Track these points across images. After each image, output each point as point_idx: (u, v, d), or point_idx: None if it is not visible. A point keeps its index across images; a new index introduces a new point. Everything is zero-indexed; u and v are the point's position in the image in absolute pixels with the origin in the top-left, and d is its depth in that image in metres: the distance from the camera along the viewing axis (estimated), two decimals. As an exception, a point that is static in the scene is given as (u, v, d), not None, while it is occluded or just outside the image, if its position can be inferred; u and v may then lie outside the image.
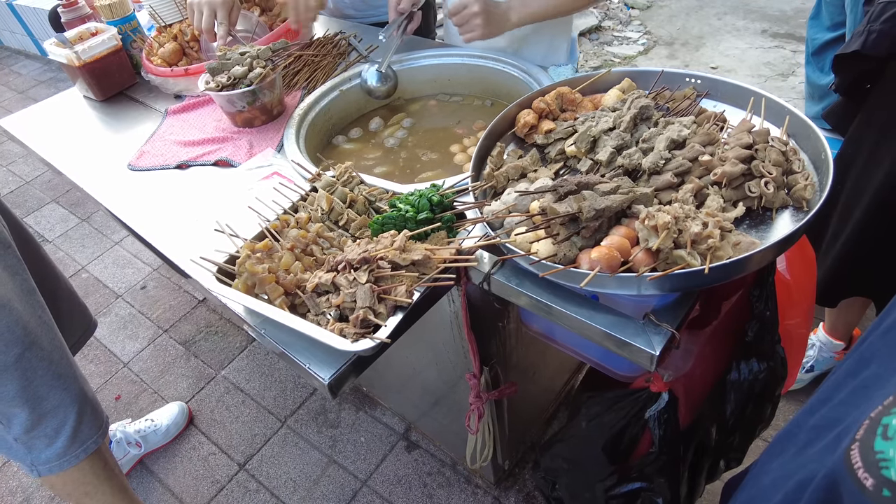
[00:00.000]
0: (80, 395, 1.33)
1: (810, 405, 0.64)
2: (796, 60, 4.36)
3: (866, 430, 0.43)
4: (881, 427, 0.42)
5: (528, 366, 1.60)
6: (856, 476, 0.42)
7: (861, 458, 0.42)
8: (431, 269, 0.96)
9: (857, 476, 0.41)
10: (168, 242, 1.28)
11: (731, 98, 1.24)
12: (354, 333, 0.88)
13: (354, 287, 0.93)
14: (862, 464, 0.42)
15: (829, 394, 0.60)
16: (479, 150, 1.19)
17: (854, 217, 1.54)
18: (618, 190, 0.99)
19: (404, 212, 1.03)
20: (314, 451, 2.27)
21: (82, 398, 1.34)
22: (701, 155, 1.07)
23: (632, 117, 1.17)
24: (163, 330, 2.85)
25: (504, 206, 1.04)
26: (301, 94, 1.70)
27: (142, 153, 1.57)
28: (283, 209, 1.16)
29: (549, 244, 0.94)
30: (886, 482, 0.39)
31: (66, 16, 1.89)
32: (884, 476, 0.40)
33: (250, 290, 0.99)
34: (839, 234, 1.61)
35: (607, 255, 0.86)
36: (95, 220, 3.57)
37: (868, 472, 0.41)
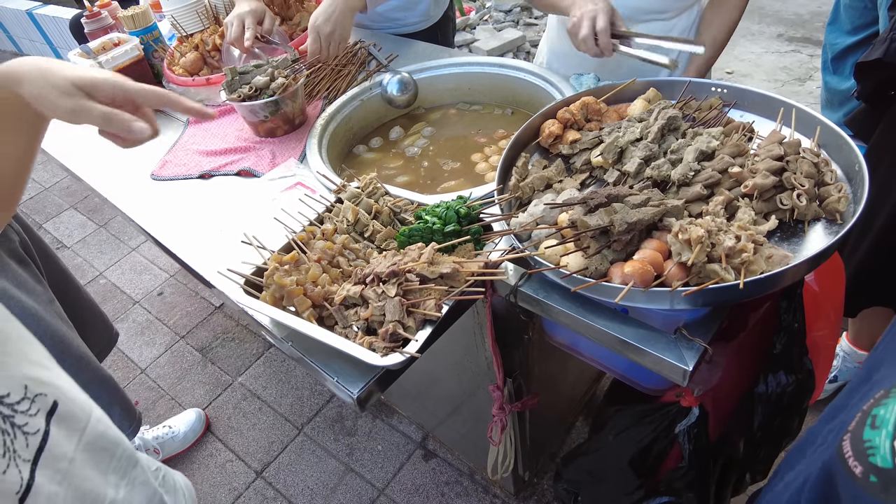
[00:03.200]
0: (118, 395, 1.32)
1: (827, 412, 0.66)
2: (813, 65, 4.31)
3: (857, 422, 0.45)
4: (870, 418, 0.44)
5: (549, 377, 1.59)
6: (847, 465, 0.43)
7: (852, 447, 0.44)
8: (459, 281, 0.95)
9: (849, 465, 0.43)
10: (193, 253, 1.28)
11: (759, 108, 1.23)
12: (384, 347, 0.88)
13: (383, 300, 0.93)
14: (852, 453, 0.44)
15: (845, 401, 0.61)
16: (503, 161, 1.19)
17: (875, 226, 1.52)
18: (648, 202, 0.98)
19: (431, 224, 1.03)
20: (331, 458, 2.27)
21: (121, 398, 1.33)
22: (731, 166, 1.06)
23: (659, 128, 1.16)
24: (180, 336, 2.86)
25: (531, 217, 1.03)
26: (322, 103, 1.71)
27: (164, 163, 1.58)
28: (308, 220, 1.16)
29: (579, 257, 0.93)
30: (873, 468, 0.41)
31: (88, 26, 1.91)
32: (871, 463, 0.42)
33: (278, 302, 0.99)
34: (860, 243, 1.59)
35: (641, 270, 0.85)
36: (113, 226, 3.60)
37: (857, 461, 0.43)
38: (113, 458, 0.79)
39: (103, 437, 0.78)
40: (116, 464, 0.79)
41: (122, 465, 0.80)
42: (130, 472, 0.82)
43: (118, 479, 0.79)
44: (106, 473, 0.77)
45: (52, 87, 0.80)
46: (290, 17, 1.90)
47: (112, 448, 0.79)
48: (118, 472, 0.80)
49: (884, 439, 0.42)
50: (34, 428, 0.68)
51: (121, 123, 0.81)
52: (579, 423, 2.17)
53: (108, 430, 0.79)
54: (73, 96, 0.81)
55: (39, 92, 0.81)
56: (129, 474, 0.81)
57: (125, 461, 0.81)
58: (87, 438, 0.75)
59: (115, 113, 0.81)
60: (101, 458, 0.77)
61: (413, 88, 1.71)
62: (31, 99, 0.82)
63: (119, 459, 0.80)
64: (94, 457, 0.76)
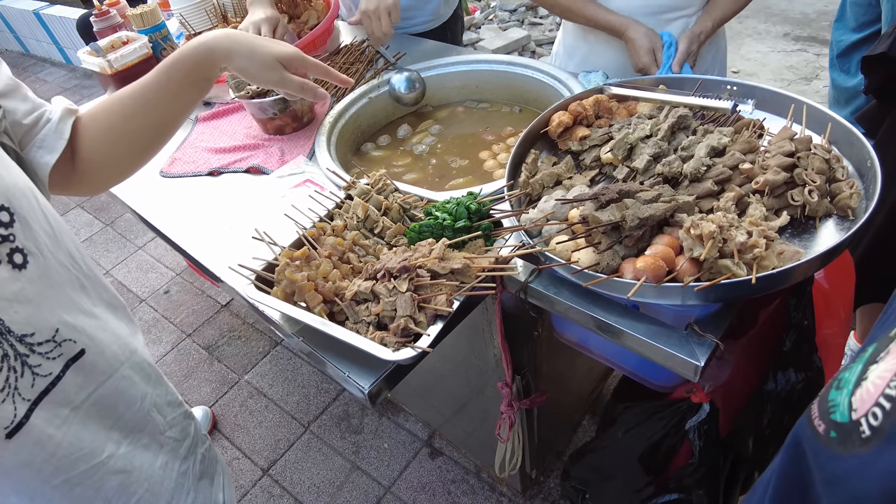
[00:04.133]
0: None
1: None
2: (820, 64, 4.30)
3: (826, 388, 0.48)
4: (836, 381, 0.46)
5: (557, 375, 1.59)
6: (813, 425, 0.46)
7: (818, 409, 0.47)
8: (470, 277, 0.95)
9: (814, 425, 0.46)
10: (203, 249, 1.29)
11: (769, 105, 1.23)
12: (396, 342, 0.88)
13: (394, 296, 0.93)
14: (818, 413, 0.46)
15: None
16: (513, 157, 1.19)
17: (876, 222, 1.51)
18: (659, 198, 0.98)
19: (441, 220, 1.03)
20: (337, 456, 2.27)
21: None
22: (741, 163, 1.06)
23: (669, 126, 1.16)
24: (186, 334, 2.87)
25: (542, 214, 1.03)
26: (329, 101, 1.71)
27: (173, 160, 1.59)
28: (318, 217, 1.16)
29: (590, 253, 0.93)
30: (833, 424, 0.44)
31: (97, 25, 1.92)
32: (832, 420, 0.44)
33: (289, 297, 1.00)
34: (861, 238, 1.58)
35: (653, 265, 0.85)
36: (119, 224, 3.62)
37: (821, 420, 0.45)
38: (121, 418, 0.82)
39: (122, 394, 0.82)
40: (123, 423, 0.82)
41: (129, 426, 0.83)
42: (135, 434, 0.84)
43: (121, 436, 0.82)
44: (110, 430, 0.80)
45: (260, 63, 1.01)
46: (297, 15, 1.91)
47: (123, 408, 0.82)
48: (123, 430, 0.82)
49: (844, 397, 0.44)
50: (47, 371, 0.72)
51: (312, 91, 1.07)
52: (586, 422, 2.17)
53: (129, 389, 0.83)
54: (276, 70, 1.03)
55: (248, 66, 1.01)
56: (132, 435, 0.84)
57: (134, 423, 0.84)
58: (103, 392, 0.79)
59: (307, 83, 1.07)
60: (109, 415, 0.80)
61: (421, 87, 1.72)
62: (239, 71, 1.02)
63: (127, 420, 0.83)
64: (102, 411, 0.79)
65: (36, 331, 0.71)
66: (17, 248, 0.70)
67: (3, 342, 0.67)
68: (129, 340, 0.86)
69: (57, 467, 0.73)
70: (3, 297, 0.68)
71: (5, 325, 0.68)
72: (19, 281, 0.70)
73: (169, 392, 0.94)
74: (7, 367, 0.67)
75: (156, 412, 0.89)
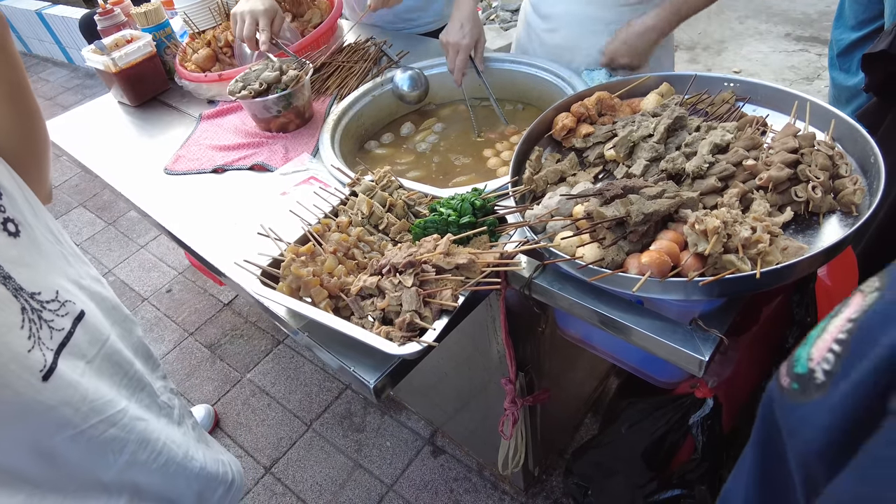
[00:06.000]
0: None
1: None
2: (821, 64, 4.30)
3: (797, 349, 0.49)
4: (805, 340, 0.48)
5: (560, 372, 1.60)
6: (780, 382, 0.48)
7: (785, 367, 0.48)
8: (475, 273, 0.96)
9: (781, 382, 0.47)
10: (208, 246, 1.29)
11: (772, 102, 1.23)
12: (401, 337, 0.88)
13: (400, 290, 0.93)
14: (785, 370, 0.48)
15: None
16: (517, 155, 1.19)
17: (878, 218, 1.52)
18: (663, 194, 0.98)
19: (446, 216, 1.04)
20: (340, 454, 2.28)
21: None
22: (745, 159, 1.06)
23: (665, 128, 1.16)
24: (188, 333, 2.88)
25: (546, 209, 1.03)
26: (330, 99, 1.72)
27: (178, 157, 1.59)
28: (323, 213, 1.16)
29: (595, 248, 0.94)
30: (795, 377, 0.45)
31: (101, 23, 1.92)
32: (794, 373, 0.46)
33: (294, 293, 1.00)
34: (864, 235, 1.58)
35: (658, 260, 0.86)
36: (121, 223, 3.62)
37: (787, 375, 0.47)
38: (125, 376, 0.91)
39: (119, 354, 0.91)
40: (128, 381, 0.91)
41: (133, 384, 0.92)
42: (138, 394, 0.94)
43: (129, 394, 0.91)
44: (119, 387, 0.89)
45: None
46: (301, 13, 1.91)
47: (126, 367, 0.92)
48: (129, 388, 0.92)
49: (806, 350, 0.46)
50: (59, 326, 0.80)
51: None
52: (588, 421, 2.17)
53: (122, 352, 0.92)
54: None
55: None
56: (136, 395, 0.93)
57: (135, 382, 0.93)
58: (107, 350, 0.88)
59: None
60: (116, 372, 0.89)
61: (424, 85, 1.72)
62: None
63: (130, 378, 0.92)
64: (111, 368, 0.88)
65: (41, 290, 0.79)
66: (8, 217, 0.78)
67: (19, 297, 0.75)
68: (116, 308, 0.96)
69: (91, 408, 0.82)
70: (7, 259, 0.75)
71: (16, 283, 0.76)
72: (16, 248, 0.78)
73: (156, 367, 1.04)
74: (27, 319, 0.75)
75: (147, 378, 0.98)
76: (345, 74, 1.77)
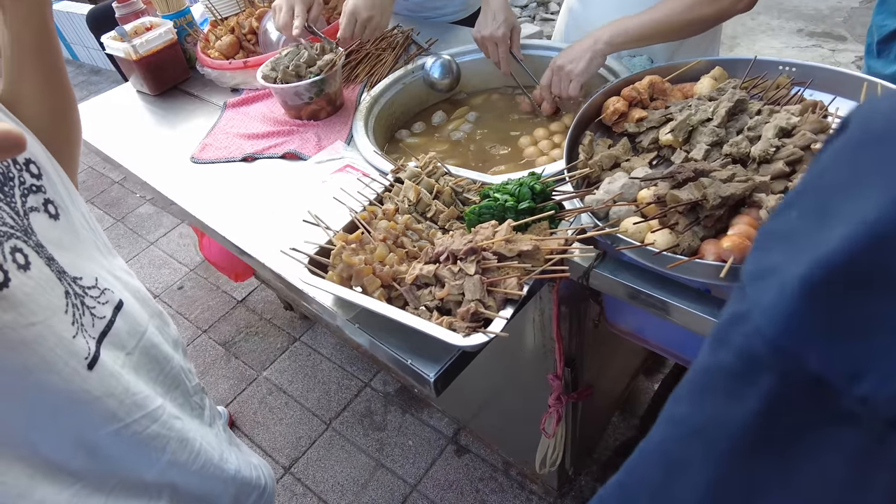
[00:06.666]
0: None
1: None
2: (835, 60, 4.27)
3: None
4: None
5: (597, 369, 1.55)
6: None
7: None
8: (539, 260, 0.91)
9: None
10: (242, 235, 1.24)
11: (830, 86, 1.18)
12: (466, 327, 0.83)
13: (460, 279, 0.88)
14: None
15: None
16: (569, 140, 1.14)
17: None
18: (734, 178, 0.94)
19: (503, 201, 0.98)
20: (361, 454, 2.22)
21: None
22: (813, 143, 1.01)
23: (727, 111, 1.11)
24: (202, 331, 2.82)
25: (609, 195, 0.98)
26: (360, 87, 1.67)
27: (204, 146, 1.54)
28: (368, 200, 1.11)
29: (666, 234, 0.89)
30: None
31: (120, 11, 1.87)
32: None
33: (345, 282, 0.95)
34: None
35: (741, 245, 0.81)
36: (130, 220, 3.56)
37: None
38: (161, 372, 0.88)
39: (156, 348, 0.87)
40: (163, 378, 0.88)
41: (168, 381, 0.89)
42: (173, 392, 0.90)
43: (164, 391, 0.88)
44: (154, 383, 0.86)
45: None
46: (326, 0, 1.86)
47: (162, 362, 0.88)
48: (164, 385, 0.88)
49: None
50: (101, 314, 0.77)
51: None
52: (615, 419, 2.12)
53: (160, 345, 0.89)
54: None
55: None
56: (170, 393, 0.90)
57: (171, 379, 0.90)
58: (145, 343, 0.85)
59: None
60: (153, 367, 0.86)
61: (455, 72, 1.67)
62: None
63: (166, 375, 0.89)
64: (149, 363, 0.85)
65: (83, 276, 0.76)
66: (49, 199, 0.75)
67: (63, 280, 0.72)
68: (149, 300, 0.94)
69: (134, 402, 0.79)
70: (50, 241, 0.72)
71: (60, 266, 0.72)
72: (57, 230, 0.75)
73: (189, 364, 1.01)
74: (71, 304, 0.72)
75: (183, 376, 0.94)
76: (373, 62, 1.71)
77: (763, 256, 0.32)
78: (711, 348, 0.33)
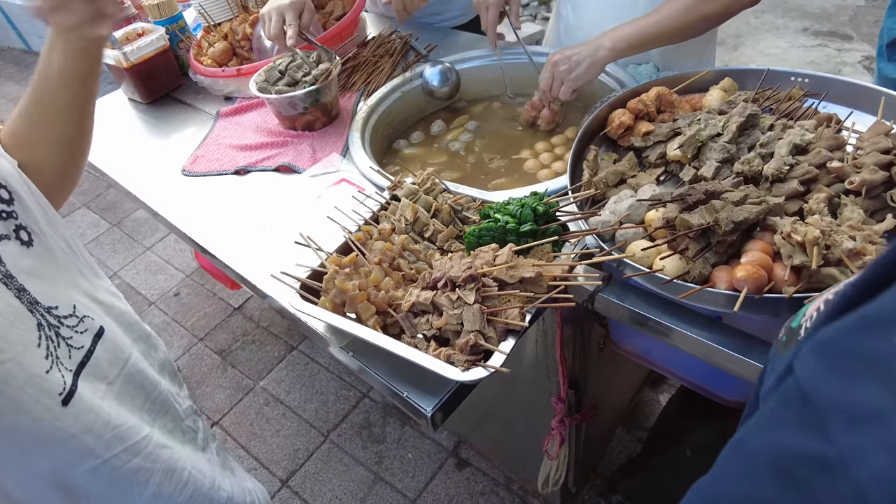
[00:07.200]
0: None
1: None
2: (841, 59, 4.21)
3: None
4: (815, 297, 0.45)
5: (601, 386, 1.50)
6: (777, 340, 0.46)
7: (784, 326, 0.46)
8: (541, 287, 0.86)
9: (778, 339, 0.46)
10: (234, 254, 1.19)
11: (847, 99, 1.14)
12: (465, 361, 0.79)
13: (459, 308, 0.84)
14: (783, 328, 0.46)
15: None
16: (573, 155, 1.10)
17: None
18: (746, 199, 0.89)
19: (504, 223, 0.94)
20: (359, 467, 2.18)
21: None
22: (829, 161, 0.97)
23: (738, 126, 1.06)
24: (198, 339, 2.78)
25: (615, 216, 0.94)
26: (357, 95, 1.62)
27: (196, 158, 1.49)
28: (363, 219, 1.07)
29: (676, 260, 0.84)
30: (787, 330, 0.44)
31: (111, 16, 1.82)
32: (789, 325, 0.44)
33: (338, 308, 0.90)
34: None
35: (755, 275, 0.76)
36: (126, 224, 3.52)
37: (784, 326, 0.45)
38: (148, 399, 0.84)
39: (142, 374, 0.84)
40: (151, 405, 0.85)
41: (156, 408, 0.86)
42: (162, 418, 0.87)
43: (151, 419, 0.84)
44: (141, 411, 0.83)
45: None
46: (322, 4, 1.81)
47: (149, 388, 0.85)
48: (152, 412, 0.85)
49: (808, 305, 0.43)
50: (79, 343, 0.74)
51: None
52: (619, 432, 2.08)
53: (146, 370, 0.85)
54: None
55: None
56: (159, 419, 0.86)
57: (159, 405, 0.86)
58: (128, 371, 0.81)
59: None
60: (138, 394, 0.83)
61: (455, 80, 1.63)
62: None
63: (154, 401, 0.85)
64: (133, 390, 0.82)
65: (58, 304, 0.73)
66: (21, 225, 0.72)
67: (35, 311, 0.69)
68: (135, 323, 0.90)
69: (114, 436, 0.75)
70: (21, 270, 0.69)
71: (32, 296, 0.69)
72: (30, 257, 0.72)
73: (181, 386, 0.98)
74: (45, 336, 0.69)
75: (172, 400, 0.91)
76: (370, 69, 1.67)
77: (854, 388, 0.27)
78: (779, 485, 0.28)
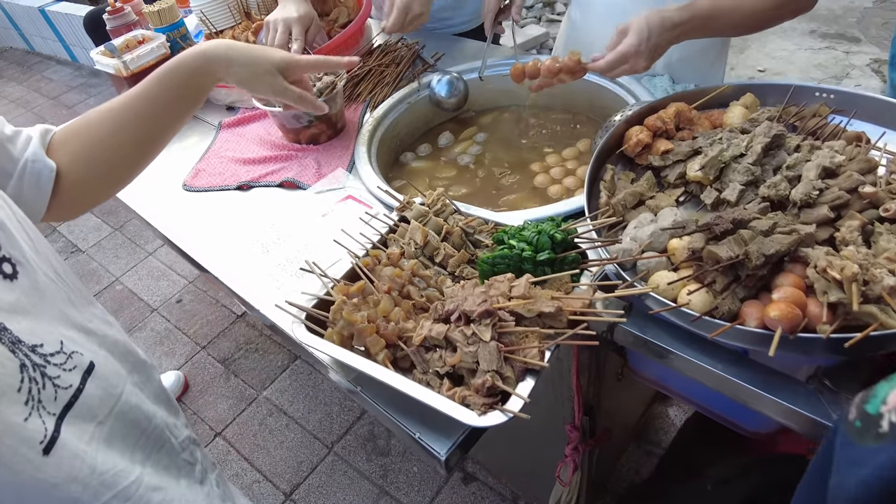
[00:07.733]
0: None
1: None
2: (850, 62, 4.16)
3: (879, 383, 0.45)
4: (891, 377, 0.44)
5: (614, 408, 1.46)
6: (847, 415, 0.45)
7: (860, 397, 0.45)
8: (561, 322, 0.82)
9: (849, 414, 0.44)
10: (238, 277, 1.15)
11: (875, 117, 1.09)
12: (482, 404, 0.75)
13: (474, 344, 0.79)
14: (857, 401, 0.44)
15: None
16: (589, 175, 1.05)
17: None
18: (775, 228, 0.85)
19: (519, 250, 0.90)
20: (364, 480, 2.15)
21: None
22: (861, 185, 0.92)
23: (763, 147, 1.02)
24: (200, 347, 2.74)
25: (635, 243, 0.90)
26: (363, 107, 1.57)
27: (197, 171, 1.45)
28: (371, 243, 1.02)
29: (703, 294, 0.80)
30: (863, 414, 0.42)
31: (111, 23, 1.78)
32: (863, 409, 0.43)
33: (346, 341, 0.86)
34: None
35: (789, 314, 0.72)
36: (128, 229, 3.48)
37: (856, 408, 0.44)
38: (142, 435, 0.79)
39: (136, 410, 0.79)
40: (145, 441, 0.80)
41: (150, 444, 0.81)
42: (156, 455, 0.82)
43: (144, 457, 0.79)
44: (133, 450, 0.77)
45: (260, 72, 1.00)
46: (326, 12, 1.77)
47: (143, 423, 0.80)
48: (145, 449, 0.80)
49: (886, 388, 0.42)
50: (67, 383, 0.69)
51: (311, 103, 1.09)
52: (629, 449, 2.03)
53: (141, 405, 0.80)
54: (276, 78, 1.02)
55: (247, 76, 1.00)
56: (153, 456, 0.81)
57: (153, 440, 0.81)
58: (121, 408, 0.76)
59: (306, 94, 1.08)
60: (130, 432, 0.78)
61: (463, 90, 1.58)
62: (238, 82, 1.00)
63: (148, 437, 0.80)
64: (125, 429, 0.76)
65: (44, 342, 0.68)
66: (4, 256, 0.68)
67: (17, 352, 0.65)
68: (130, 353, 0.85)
69: (102, 482, 0.70)
70: (4, 307, 0.65)
71: (14, 335, 0.65)
72: (14, 291, 0.67)
73: (178, 414, 0.92)
74: (28, 378, 0.64)
75: (168, 433, 0.85)
76: (376, 79, 1.62)
77: None
78: None
